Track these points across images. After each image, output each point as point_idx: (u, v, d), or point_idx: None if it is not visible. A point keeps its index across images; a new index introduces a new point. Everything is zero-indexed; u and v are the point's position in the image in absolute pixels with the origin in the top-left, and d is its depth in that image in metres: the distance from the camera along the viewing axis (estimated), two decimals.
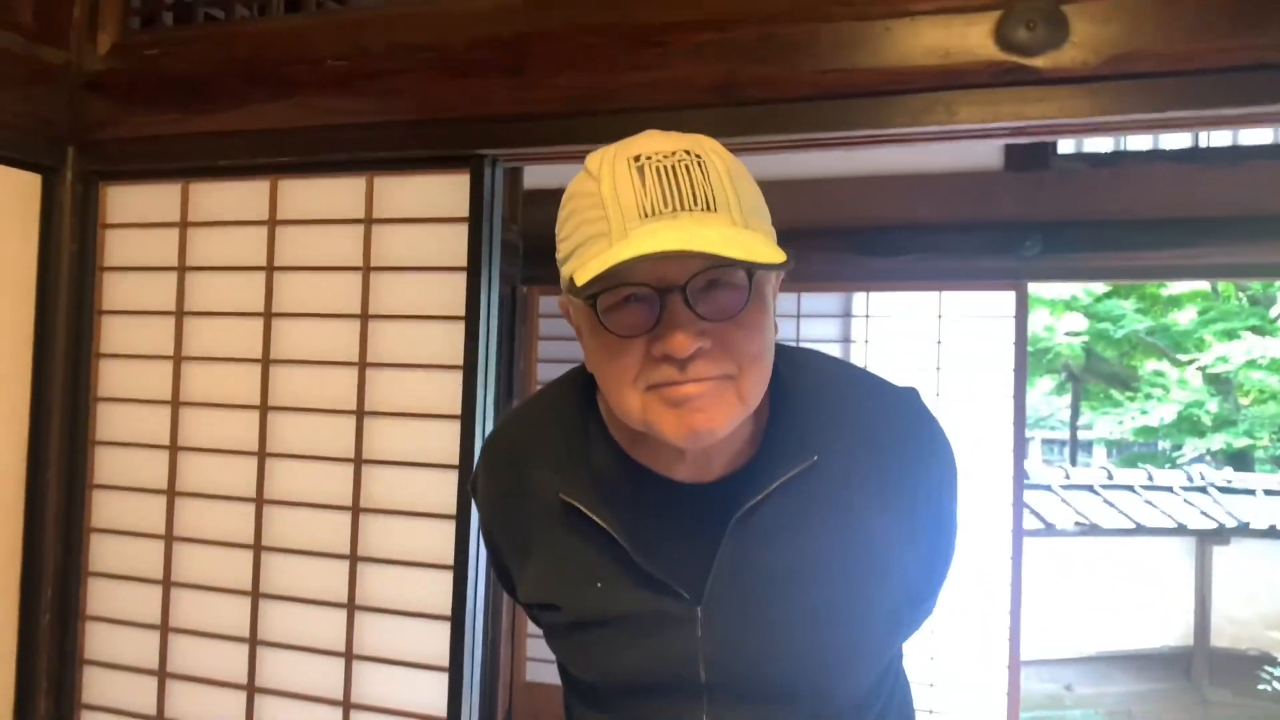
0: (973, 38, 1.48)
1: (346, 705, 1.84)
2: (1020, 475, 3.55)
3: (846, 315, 3.70)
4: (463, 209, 1.80)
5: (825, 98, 1.57)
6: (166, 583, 1.98)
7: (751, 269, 0.78)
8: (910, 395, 0.97)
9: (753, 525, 0.87)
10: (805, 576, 0.88)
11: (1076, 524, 5.95)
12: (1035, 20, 1.45)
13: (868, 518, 0.90)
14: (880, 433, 0.93)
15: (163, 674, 1.97)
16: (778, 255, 0.78)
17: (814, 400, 0.93)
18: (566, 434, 0.95)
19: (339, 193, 1.88)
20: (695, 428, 0.80)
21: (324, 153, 1.86)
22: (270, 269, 1.93)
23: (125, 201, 2.04)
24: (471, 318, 1.79)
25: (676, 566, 0.87)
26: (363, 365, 1.86)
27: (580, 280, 0.76)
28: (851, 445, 0.91)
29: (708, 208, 0.77)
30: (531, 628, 3.87)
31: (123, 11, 2.02)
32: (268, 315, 1.93)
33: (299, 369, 1.91)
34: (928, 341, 3.58)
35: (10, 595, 1.98)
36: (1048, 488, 6.29)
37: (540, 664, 3.82)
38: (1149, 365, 10.14)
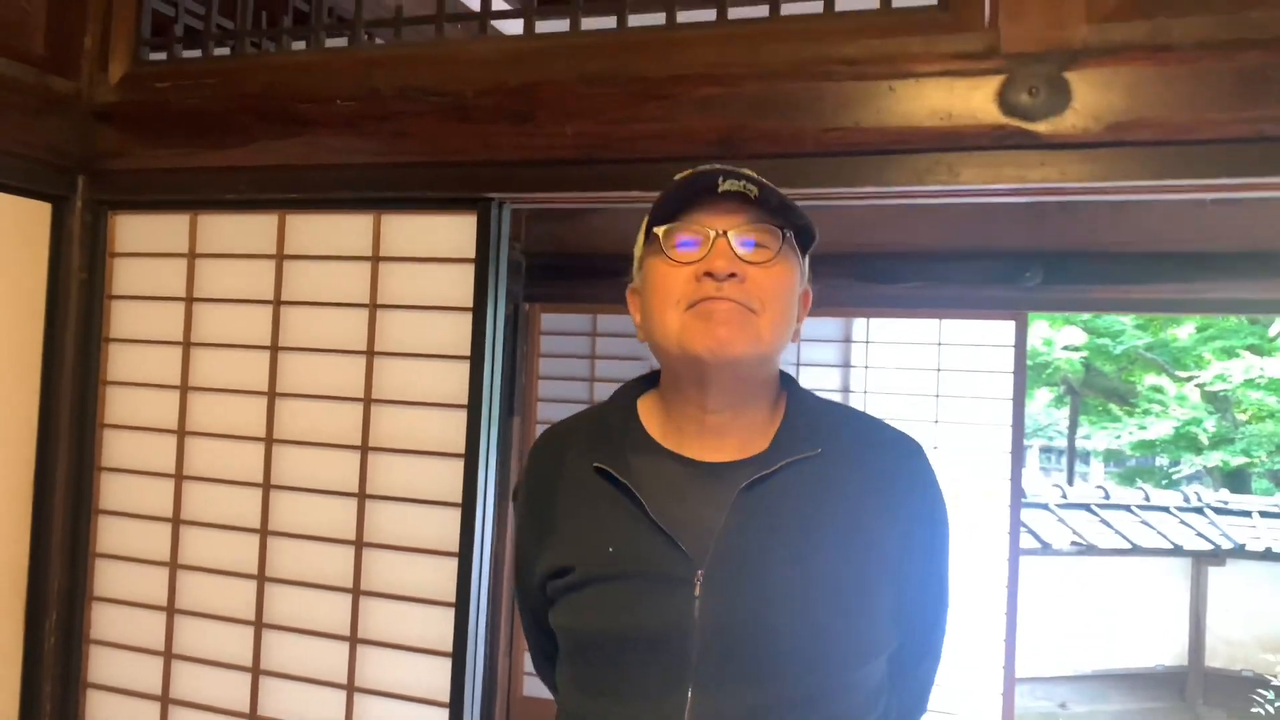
0: (976, 101, 1.50)
1: (350, 689, 1.86)
2: (1018, 497, 3.57)
3: (847, 341, 3.72)
4: (469, 249, 1.82)
5: (828, 154, 1.59)
6: (171, 609, 2.00)
7: (781, 226, 1.04)
8: (911, 439, 1.12)
9: (757, 497, 1.02)
10: (800, 552, 1.00)
11: (1073, 544, 5.97)
12: (1038, 86, 1.47)
13: (861, 513, 1.04)
14: (879, 453, 1.09)
15: (165, 700, 2.00)
16: (804, 223, 1.05)
17: (825, 414, 1.12)
18: (607, 428, 1.13)
19: (347, 229, 1.90)
20: (720, 338, 1.00)
21: (332, 190, 1.88)
22: (277, 303, 1.95)
23: (134, 231, 2.06)
24: (476, 357, 1.81)
25: (686, 529, 1.01)
26: (368, 400, 1.88)
27: (654, 218, 1.05)
28: (853, 449, 1.08)
29: (756, 186, 1.02)
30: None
31: (134, 43, 2.04)
32: (274, 348, 1.95)
33: (305, 402, 1.93)
34: (927, 368, 3.60)
35: (16, 617, 2.00)
36: (1045, 506, 6.32)
37: (537, 679, 3.84)
38: (1148, 380, 10.17)
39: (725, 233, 1.02)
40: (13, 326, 1.97)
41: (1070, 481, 10.02)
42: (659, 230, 1.05)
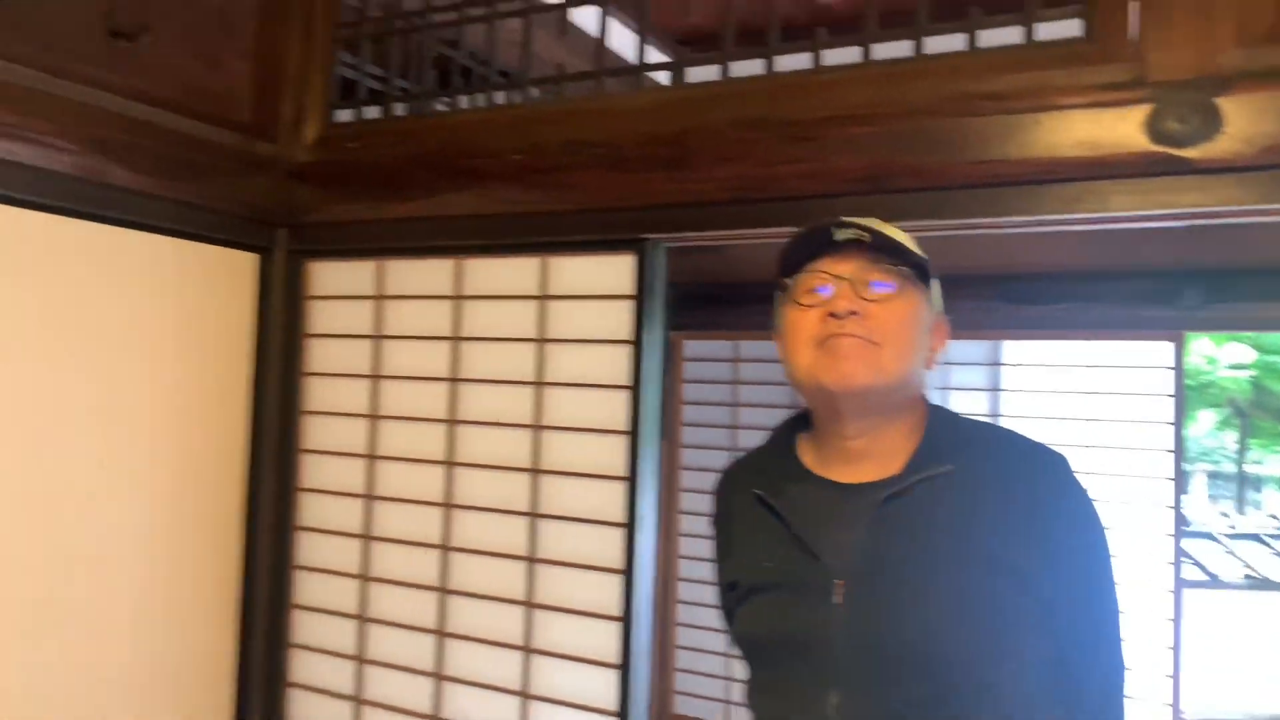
0: (1123, 130, 1.53)
1: (524, 696, 2.00)
2: (1180, 526, 3.45)
3: (995, 364, 3.69)
4: (627, 285, 1.95)
5: (976, 186, 1.64)
6: (362, 616, 2.20)
7: (895, 265, 1.16)
8: (1051, 450, 1.19)
9: (892, 513, 1.14)
10: (930, 560, 1.11)
11: (1245, 577, 5.64)
12: (1188, 113, 1.49)
13: (996, 523, 1.12)
14: (1016, 465, 1.17)
15: (358, 700, 2.19)
16: (918, 260, 1.17)
17: (964, 431, 1.22)
18: (767, 459, 1.30)
19: (516, 271, 2.07)
20: (844, 371, 1.13)
21: (503, 236, 2.05)
22: (455, 339, 2.13)
23: (328, 277, 2.29)
24: (637, 385, 1.93)
25: (827, 544, 1.14)
26: (537, 427, 2.03)
27: (782, 270, 1.21)
28: (989, 463, 1.17)
29: (869, 232, 1.16)
30: (679, 661, 4.00)
31: (324, 108, 2.28)
32: (453, 380, 2.13)
33: (481, 429, 2.09)
34: (1080, 391, 3.53)
35: (230, 623, 2.24)
36: (1211, 536, 5.99)
37: (687, 698, 3.93)
38: None
39: (845, 276, 1.16)
40: (227, 363, 2.22)
41: (1240, 510, 9.42)
42: (788, 280, 1.21)
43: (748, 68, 1.86)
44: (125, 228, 1.95)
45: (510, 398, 2.07)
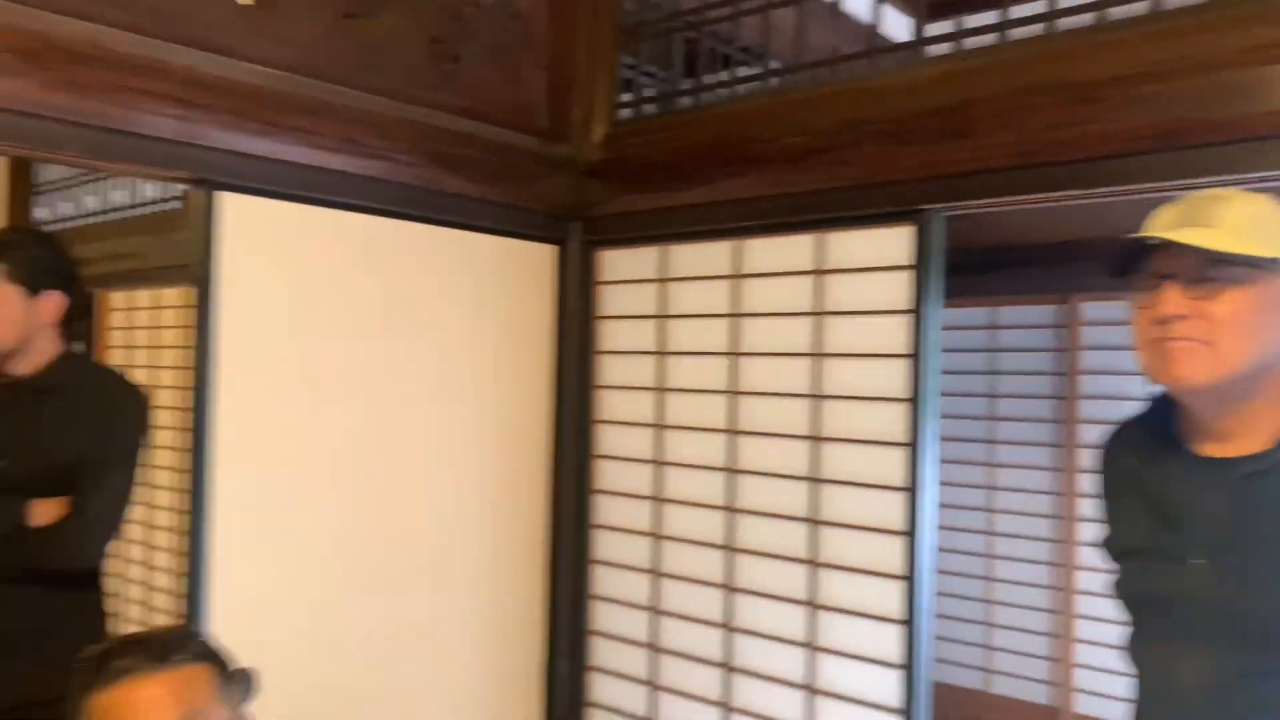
0: None
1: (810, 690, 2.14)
2: None
3: None
4: (905, 257, 2.03)
5: (1277, 136, 1.59)
6: (656, 571, 2.41)
7: (1221, 257, 1.15)
8: None
9: (1253, 487, 1.19)
10: None
11: None
12: None
13: None
14: None
15: (654, 647, 2.41)
16: (1253, 249, 1.14)
17: None
18: (1146, 426, 1.37)
19: (792, 249, 2.19)
20: (1174, 375, 1.19)
21: (780, 216, 2.18)
22: (735, 316, 2.28)
23: (615, 263, 2.51)
24: (917, 355, 2.00)
25: (1191, 515, 1.23)
26: (816, 397, 2.15)
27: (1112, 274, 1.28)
28: None
29: (1206, 225, 1.17)
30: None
31: (611, 110, 2.49)
32: (733, 354, 2.29)
33: (760, 399, 2.24)
34: None
35: (540, 577, 2.52)
36: None
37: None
38: None
39: (1173, 274, 1.19)
40: (533, 344, 2.49)
41: None
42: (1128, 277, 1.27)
43: (1026, 31, 1.87)
44: (453, 228, 2.25)
45: (789, 370, 2.20)
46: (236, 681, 1.16)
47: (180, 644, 1.12)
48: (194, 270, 1.78)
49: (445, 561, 2.28)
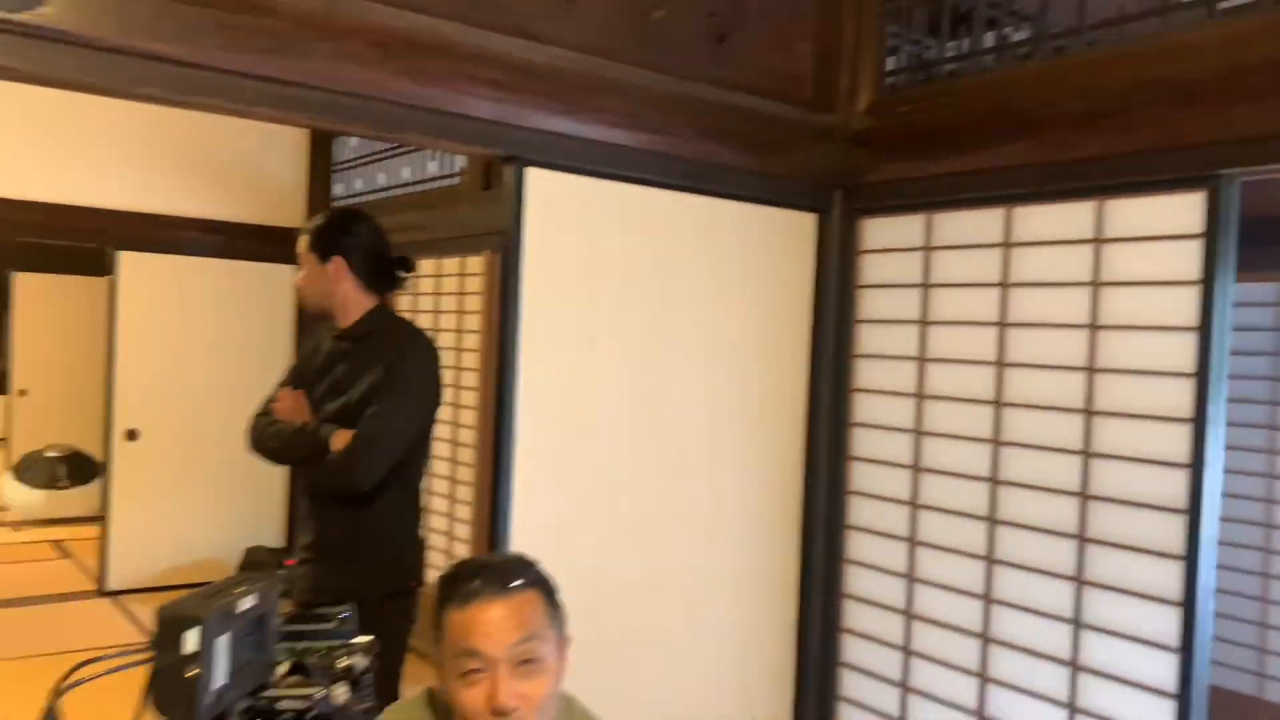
0: None
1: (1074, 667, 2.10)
2: None
3: None
4: (1194, 225, 1.93)
5: None
6: (912, 540, 2.44)
7: None
8: None
9: None
10: None
11: None
12: None
13: None
14: None
15: (908, 613, 2.44)
16: None
17: None
18: None
19: (1067, 216, 2.13)
20: None
21: (1057, 182, 2.12)
22: (1004, 285, 2.26)
23: (878, 231, 2.54)
24: (1206, 327, 1.91)
25: None
26: (1091, 370, 2.09)
27: None
28: None
29: None
30: None
31: (878, 77, 2.50)
32: (1001, 325, 2.26)
33: (1029, 371, 2.21)
34: None
35: (794, 540, 2.61)
36: None
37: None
38: None
39: None
40: (791, 311, 2.57)
41: None
42: None
43: None
44: (721, 198, 2.36)
45: (1061, 341, 2.15)
46: (558, 607, 1.30)
47: (519, 571, 1.26)
48: (501, 239, 1.99)
49: (711, 516, 2.41)
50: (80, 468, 5.93)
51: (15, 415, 6.38)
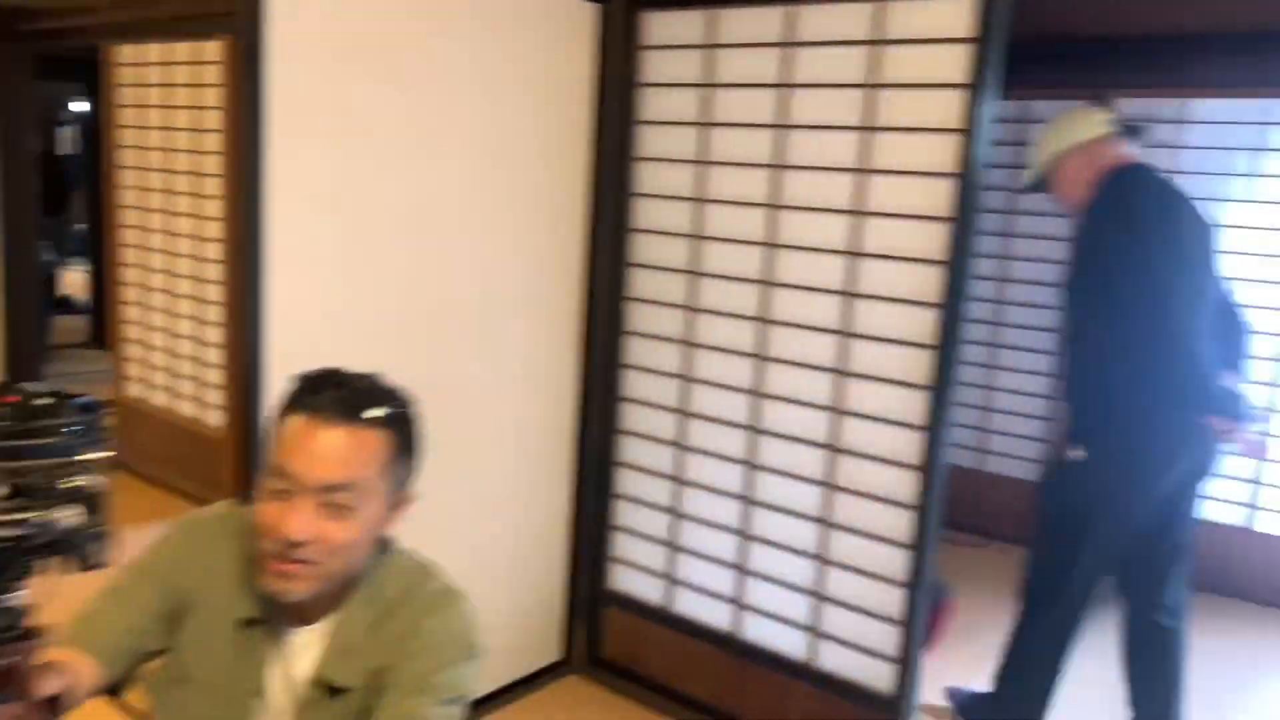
0: None
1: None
2: None
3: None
4: (961, 30, 1.97)
5: None
6: (687, 341, 2.48)
7: None
8: None
9: None
10: None
11: None
12: None
13: None
14: None
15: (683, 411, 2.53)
16: None
17: None
18: None
19: (847, 18, 2.12)
20: None
21: None
22: (782, 86, 2.24)
23: (660, 27, 2.43)
24: (969, 132, 1.99)
25: None
26: (863, 170, 2.15)
27: None
28: None
29: None
30: None
31: None
32: (779, 126, 2.26)
33: (807, 174, 2.23)
34: None
35: (576, 346, 2.60)
36: None
37: None
38: None
39: None
40: (569, 108, 2.44)
41: None
42: None
43: None
44: None
45: (837, 145, 2.18)
46: (409, 458, 1.16)
47: (380, 401, 1.12)
48: (236, 22, 1.73)
49: (488, 321, 2.34)
50: None
51: None
